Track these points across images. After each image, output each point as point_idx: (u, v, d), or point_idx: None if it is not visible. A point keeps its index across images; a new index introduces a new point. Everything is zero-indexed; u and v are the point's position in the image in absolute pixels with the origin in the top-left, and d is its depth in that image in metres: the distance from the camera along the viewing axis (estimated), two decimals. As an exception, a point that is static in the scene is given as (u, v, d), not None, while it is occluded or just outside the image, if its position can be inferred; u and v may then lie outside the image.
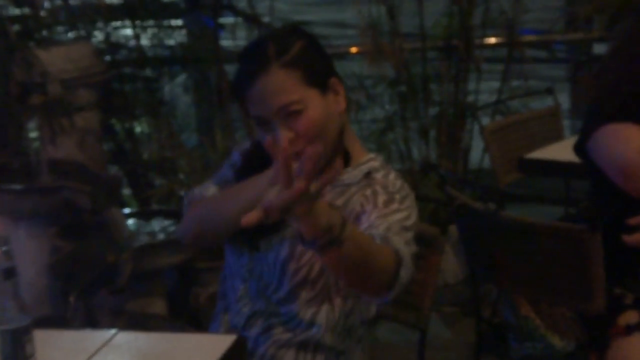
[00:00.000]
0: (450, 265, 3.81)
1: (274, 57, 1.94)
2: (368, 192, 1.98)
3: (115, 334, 1.78)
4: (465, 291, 3.64)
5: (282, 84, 1.93)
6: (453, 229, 3.30)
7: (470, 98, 4.68)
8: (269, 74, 1.93)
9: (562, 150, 3.09)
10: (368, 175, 2.04)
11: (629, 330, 2.27)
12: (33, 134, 3.91)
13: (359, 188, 2.02)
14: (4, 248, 1.50)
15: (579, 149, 2.45)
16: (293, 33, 2.05)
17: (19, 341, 1.48)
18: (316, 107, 1.94)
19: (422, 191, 4.34)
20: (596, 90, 2.53)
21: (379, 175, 2.04)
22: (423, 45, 4.66)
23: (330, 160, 1.97)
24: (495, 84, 4.87)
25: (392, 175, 2.05)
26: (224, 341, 1.73)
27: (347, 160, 2.05)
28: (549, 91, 4.64)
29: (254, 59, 2.00)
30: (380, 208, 1.94)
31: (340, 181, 2.03)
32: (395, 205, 1.97)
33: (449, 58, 4.65)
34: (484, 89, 4.83)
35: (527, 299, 2.54)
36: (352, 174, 2.04)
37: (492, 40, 4.89)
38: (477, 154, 4.45)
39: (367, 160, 2.07)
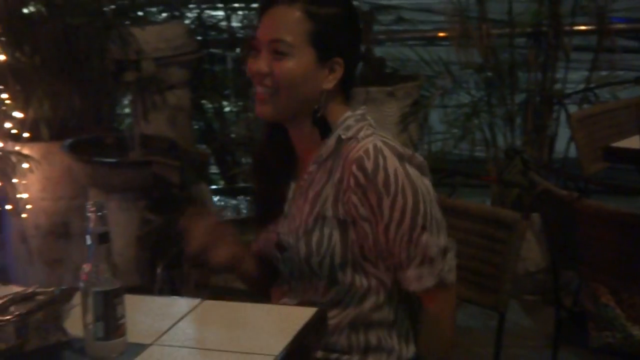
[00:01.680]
0: (532, 253, 3.77)
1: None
2: (352, 182, 1.90)
3: (200, 302, 1.80)
4: (547, 280, 3.57)
5: (287, 22, 1.91)
6: (536, 217, 3.28)
7: (558, 86, 4.62)
8: (284, 7, 1.91)
9: None
10: (340, 142, 1.94)
11: None
12: (126, 110, 4.00)
13: (334, 161, 1.95)
14: (99, 213, 1.52)
15: None
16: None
17: (111, 303, 1.51)
18: (302, 63, 1.90)
19: (507, 177, 4.33)
20: None
21: (353, 150, 1.91)
22: (511, 31, 4.65)
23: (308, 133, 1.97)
24: (584, 73, 4.81)
25: (370, 147, 1.90)
26: (305, 312, 1.74)
27: (325, 132, 1.98)
28: (638, 81, 4.57)
29: None
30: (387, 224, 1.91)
31: (319, 157, 1.98)
32: (396, 214, 1.90)
33: (537, 45, 4.60)
34: (572, 77, 4.77)
35: (608, 288, 2.54)
36: (327, 145, 1.97)
37: (582, 27, 4.85)
38: (563, 142, 4.41)
39: (343, 119, 1.96)
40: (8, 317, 1.53)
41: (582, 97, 4.64)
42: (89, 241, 1.53)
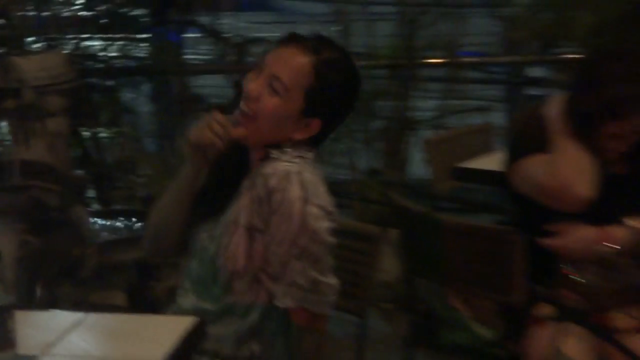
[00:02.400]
0: (388, 264, 3.75)
1: (313, 51, 1.94)
2: (260, 194, 1.95)
3: (85, 315, 1.78)
4: (401, 289, 3.59)
5: (294, 67, 1.94)
6: (392, 232, 3.37)
7: (413, 113, 4.74)
8: (299, 52, 1.94)
9: (492, 162, 3.14)
10: (267, 160, 1.99)
11: (543, 321, 2.35)
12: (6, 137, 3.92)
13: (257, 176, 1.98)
14: None
15: (505, 170, 2.50)
16: (342, 65, 2.02)
17: (1, 318, 1.55)
18: (287, 108, 1.93)
19: (366, 194, 4.43)
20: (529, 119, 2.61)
21: (271, 168, 1.96)
22: (371, 63, 4.73)
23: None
24: (436, 102, 4.95)
25: (285, 170, 1.94)
26: (185, 321, 1.73)
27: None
28: (482, 109, 4.77)
29: (301, 37, 2.00)
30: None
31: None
32: (278, 235, 1.95)
33: (395, 76, 4.72)
34: (426, 106, 4.90)
35: (458, 293, 2.60)
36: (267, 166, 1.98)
37: (434, 60, 4.96)
38: (418, 164, 4.43)
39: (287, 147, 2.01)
40: None
41: (434, 124, 4.77)
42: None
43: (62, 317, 1.83)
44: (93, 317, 1.81)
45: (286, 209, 1.91)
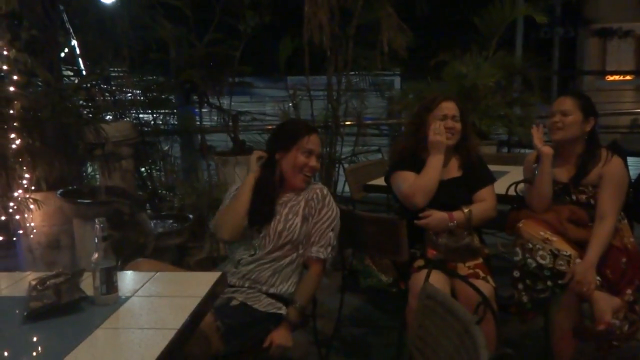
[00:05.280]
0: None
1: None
2: (314, 197, 2.16)
3: (155, 273, 1.80)
4: (336, 256, 3.65)
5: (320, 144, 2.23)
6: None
7: (337, 154, 4.74)
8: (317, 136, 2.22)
9: (384, 181, 3.30)
10: (320, 189, 2.20)
11: (419, 269, 2.35)
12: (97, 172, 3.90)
13: (305, 192, 2.18)
14: (102, 225, 1.55)
15: (386, 181, 2.59)
16: None
17: (110, 274, 1.54)
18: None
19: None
20: (394, 153, 2.73)
21: (316, 186, 2.20)
22: (312, 124, 4.80)
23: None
24: (351, 147, 5.01)
25: (323, 186, 2.23)
26: (214, 275, 1.73)
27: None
28: (378, 151, 4.87)
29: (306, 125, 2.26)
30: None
31: (295, 190, 2.18)
32: (324, 218, 2.16)
33: (327, 132, 4.72)
34: (345, 150, 4.95)
35: (369, 256, 2.63)
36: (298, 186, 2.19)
37: (348, 122, 5.01)
38: (342, 184, 4.51)
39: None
40: (47, 285, 1.56)
41: (351, 159, 4.79)
42: (96, 240, 1.57)
43: (140, 275, 1.82)
44: (159, 274, 1.82)
45: (330, 203, 2.13)
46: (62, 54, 4.06)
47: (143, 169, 4.38)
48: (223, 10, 4.28)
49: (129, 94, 4.36)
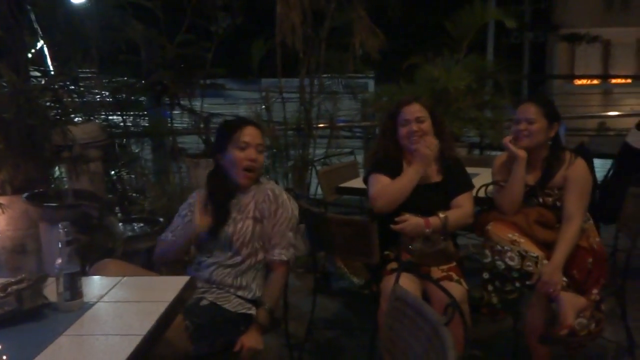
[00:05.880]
0: (300, 245, 3.79)
1: None
2: (267, 198, 2.09)
3: (122, 278, 1.76)
4: (308, 259, 3.66)
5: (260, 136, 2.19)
6: (302, 225, 3.38)
7: (310, 156, 4.73)
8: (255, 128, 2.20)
9: (357, 183, 3.24)
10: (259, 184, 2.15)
11: (392, 272, 2.35)
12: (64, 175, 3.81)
13: (256, 192, 2.13)
14: (66, 229, 1.53)
15: (365, 182, 2.58)
16: None
17: (74, 279, 1.50)
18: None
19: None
20: (369, 155, 2.73)
21: (268, 185, 2.16)
22: (285, 127, 4.73)
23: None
24: (323, 149, 4.98)
25: (275, 185, 2.18)
26: (183, 279, 1.72)
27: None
28: (351, 153, 4.88)
29: None
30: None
31: (246, 191, 2.14)
32: (281, 219, 2.12)
33: (299, 134, 4.71)
34: (318, 152, 4.91)
35: (340, 258, 2.60)
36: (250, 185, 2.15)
37: (322, 125, 4.98)
38: (314, 186, 4.50)
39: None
40: (9, 292, 1.51)
41: (323, 162, 4.76)
42: (60, 245, 1.53)
43: (107, 280, 1.78)
44: (126, 279, 1.78)
45: (284, 203, 2.09)
46: (30, 55, 3.96)
47: (113, 172, 4.28)
48: (194, 12, 4.24)
49: (98, 96, 4.26)
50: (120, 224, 3.56)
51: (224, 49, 4.55)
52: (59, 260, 1.51)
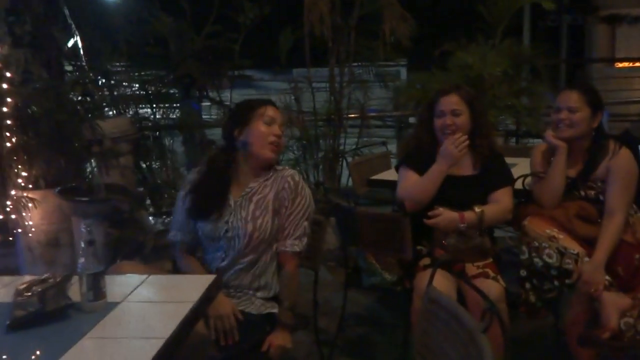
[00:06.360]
0: (332, 238, 3.72)
1: None
2: (286, 186, 1.98)
3: (148, 276, 1.74)
4: (340, 253, 3.59)
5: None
6: (332, 219, 3.35)
7: (341, 147, 4.69)
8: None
9: (389, 175, 3.12)
10: (275, 171, 2.04)
11: (425, 268, 2.28)
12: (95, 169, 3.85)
13: (274, 179, 2.02)
14: (89, 229, 1.49)
15: (397, 171, 2.51)
16: None
17: (97, 279, 1.48)
18: None
19: (315, 196, 4.43)
20: (404, 144, 2.65)
21: (286, 172, 2.04)
22: (315, 117, 4.70)
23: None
24: (355, 139, 4.93)
25: (295, 172, 2.06)
26: (209, 277, 1.70)
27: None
28: (383, 143, 4.80)
29: None
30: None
31: (261, 179, 2.02)
32: (298, 207, 2.00)
33: (329, 125, 4.67)
34: (349, 142, 4.89)
35: (371, 253, 2.54)
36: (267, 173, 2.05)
37: (352, 115, 4.92)
38: (345, 177, 4.47)
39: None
40: (33, 291, 1.49)
41: (355, 153, 4.72)
42: (82, 245, 1.51)
43: (133, 278, 1.75)
44: (151, 277, 1.75)
45: (304, 191, 1.99)
46: (66, 50, 3.99)
47: (144, 165, 4.29)
48: (221, 3, 4.20)
49: (128, 89, 4.27)
50: (150, 217, 3.58)
51: (252, 40, 4.50)
52: (82, 260, 1.49)
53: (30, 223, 3.37)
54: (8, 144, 3.03)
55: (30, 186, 3.32)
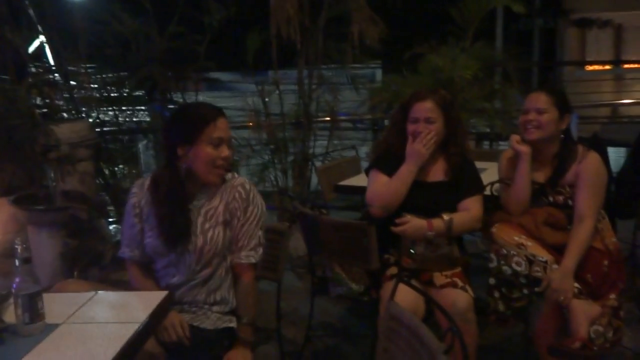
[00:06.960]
0: (300, 244, 3.64)
1: None
2: (237, 196, 1.86)
3: (96, 293, 1.65)
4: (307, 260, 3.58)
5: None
6: (297, 225, 3.26)
7: (310, 151, 4.60)
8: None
9: (358, 180, 3.13)
10: (225, 181, 1.90)
11: (392, 277, 2.25)
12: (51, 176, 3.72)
13: (224, 189, 1.89)
14: (24, 245, 1.39)
15: (367, 174, 2.45)
16: None
17: (34, 300, 1.39)
18: None
19: (282, 204, 4.35)
20: (375, 146, 2.58)
21: (236, 181, 1.90)
22: (283, 121, 4.62)
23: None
24: (323, 143, 4.84)
25: (245, 180, 1.92)
26: (160, 294, 1.61)
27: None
28: (353, 147, 4.74)
29: None
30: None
31: (208, 191, 1.89)
32: (251, 216, 1.88)
33: (298, 128, 4.58)
34: (317, 146, 4.81)
35: (338, 263, 2.48)
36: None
37: (322, 118, 4.83)
38: (314, 183, 4.37)
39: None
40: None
41: (323, 157, 4.65)
42: (17, 263, 1.41)
43: (78, 297, 1.64)
44: (99, 295, 1.65)
45: (255, 199, 1.89)
46: (30, 51, 3.85)
47: (107, 171, 4.16)
48: (186, 3, 4.08)
49: (89, 92, 4.13)
50: (113, 226, 3.46)
51: (220, 42, 4.40)
52: (17, 279, 1.38)
53: (-17, 233, 3.24)
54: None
55: (-17, 195, 3.20)
